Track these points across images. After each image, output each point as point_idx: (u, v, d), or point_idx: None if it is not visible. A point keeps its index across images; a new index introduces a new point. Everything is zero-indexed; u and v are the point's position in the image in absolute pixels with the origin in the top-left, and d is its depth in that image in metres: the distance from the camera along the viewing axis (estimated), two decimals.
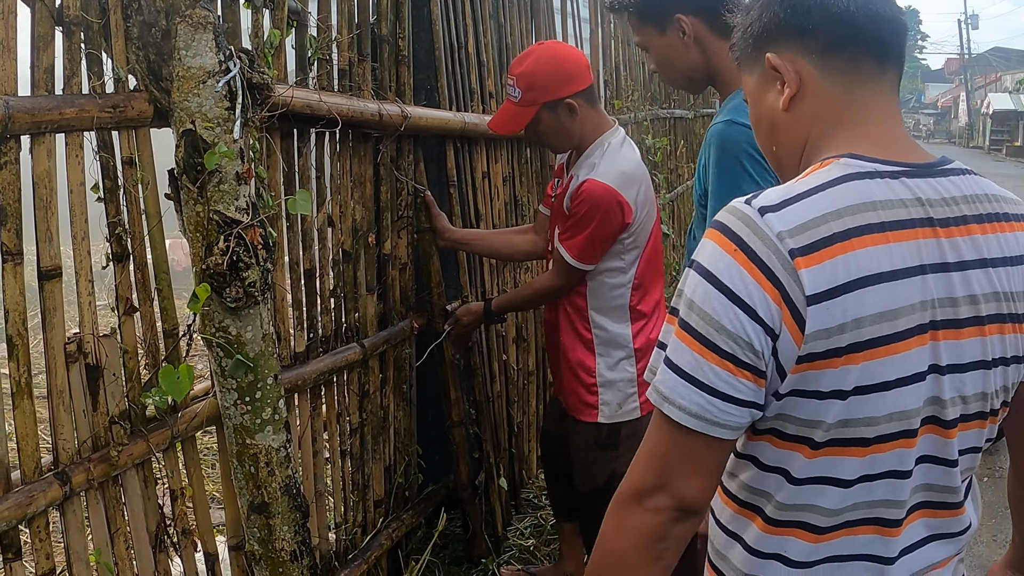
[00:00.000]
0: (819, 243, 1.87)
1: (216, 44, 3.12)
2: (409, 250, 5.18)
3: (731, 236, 1.92)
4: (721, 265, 1.91)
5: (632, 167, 4.59)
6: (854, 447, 1.98)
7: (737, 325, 1.88)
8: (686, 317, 1.94)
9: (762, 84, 2.20)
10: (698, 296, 1.93)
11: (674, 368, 1.95)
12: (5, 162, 2.73)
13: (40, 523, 2.91)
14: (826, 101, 2.11)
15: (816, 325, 1.86)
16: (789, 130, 2.17)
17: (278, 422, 3.41)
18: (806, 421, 1.96)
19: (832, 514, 2.05)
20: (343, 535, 4.63)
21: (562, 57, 4.68)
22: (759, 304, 1.87)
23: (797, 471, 2.03)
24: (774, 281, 1.87)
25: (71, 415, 3.00)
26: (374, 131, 4.62)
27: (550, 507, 5.69)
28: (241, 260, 3.17)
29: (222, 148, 3.10)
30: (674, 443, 1.98)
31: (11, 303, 2.79)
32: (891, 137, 2.09)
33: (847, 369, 1.90)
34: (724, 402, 1.92)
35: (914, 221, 1.96)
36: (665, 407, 1.96)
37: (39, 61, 2.86)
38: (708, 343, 1.90)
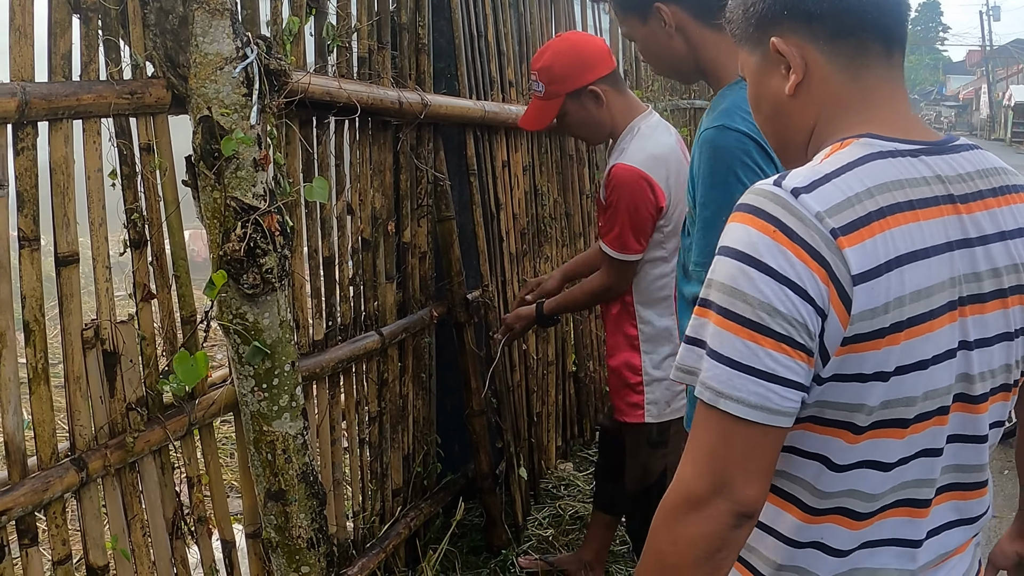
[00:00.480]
0: (858, 222, 1.84)
1: (233, 30, 3.12)
2: (429, 239, 5.18)
3: (767, 218, 1.86)
4: (762, 247, 1.84)
5: (663, 150, 4.51)
6: (894, 428, 1.95)
7: (790, 306, 1.82)
8: (729, 305, 1.86)
9: (764, 66, 2.15)
10: (741, 281, 1.85)
11: (724, 360, 1.86)
12: (22, 148, 2.74)
13: (56, 509, 2.91)
14: (833, 87, 2.07)
15: (862, 305, 1.82)
16: (795, 115, 2.13)
17: (295, 409, 3.40)
18: (848, 405, 1.91)
19: (872, 499, 2.01)
20: (361, 524, 4.62)
21: (580, 45, 4.67)
22: (808, 283, 1.82)
23: (839, 457, 1.98)
24: (819, 260, 1.82)
25: (88, 401, 3.00)
26: (394, 119, 4.62)
27: (594, 498, 5.62)
28: (258, 246, 3.17)
29: (239, 134, 3.09)
30: (731, 441, 1.88)
31: (28, 289, 2.79)
32: (903, 118, 2.06)
33: (889, 350, 1.87)
34: (784, 387, 1.84)
35: (938, 199, 1.95)
36: (722, 403, 1.86)
37: (56, 47, 2.86)
38: (761, 327, 1.83)
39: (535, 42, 6.69)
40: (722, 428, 1.88)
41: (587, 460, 7.27)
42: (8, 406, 2.76)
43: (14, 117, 2.66)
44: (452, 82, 5.46)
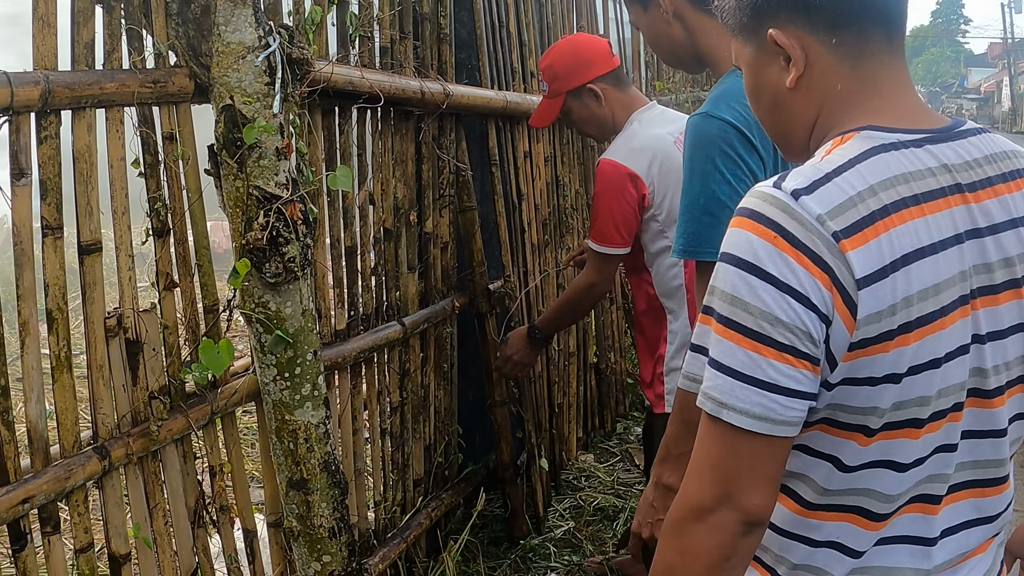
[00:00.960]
0: (861, 223, 1.78)
1: (255, 19, 3.12)
2: (451, 229, 5.19)
3: (766, 223, 1.80)
4: (763, 254, 1.79)
5: (647, 142, 4.54)
6: (909, 428, 1.91)
7: (792, 315, 1.77)
8: (730, 315, 1.82)
9: (762, 58, 2.08)
10: (742, 290, 1.80)
11: (726, 370, 1.83)
12: (45, 136, 2.74)
13: (79, 497, 2.92)
14: (835, 79, 2.00)
15: (868, 309, 1.77)
16: (795, 108, 2.06)
17: (317, 398, 3.40)
18: (860, 408, 1.87)
19: (889, 499, 1.97)
20: (382, 514, 4.63)
21: (579, 45, 4.79)
22: (811, 290, 1.77)
23: (849, 459, 1.94)
24: (822, 265, 1.77)
25: (110, 390, 3.01)
26: (416, 109, 4.62)
27: None
28: (281, 235, 3.17)
29: (261, 123, 3.09)
30: (735, 451, 1.85)
31: (51, 277, 2.80)
32: (907, 105, 2.00)
33: (900, 351, 1.81)
34: (788, 397, 1.80)
35: (944, 190, 1.89)
36: (724, 414, 1.83)
37: (79, 36, 2.86)
38: (763, 337, 1.79)
39: (556, 32, 6.71)
40: (726, 439, 1.86)
41: (608, 452, 7.29)
42: (31, 394, 2.76)
43: (37, 105, 2.67)
44: (473, 72, 5.47)
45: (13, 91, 2.57)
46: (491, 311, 5.44)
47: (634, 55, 8.83)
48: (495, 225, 5.58)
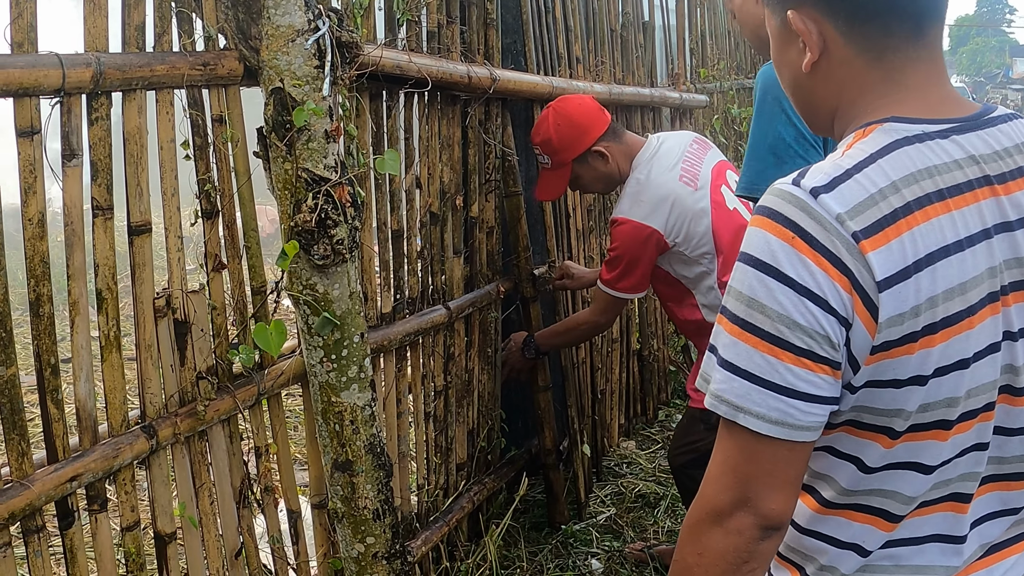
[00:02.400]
0: (882, 222, 1.72)
1: (305, 3, 3.13)
2: (496, 214, 5.19)
3: (784, 222, 1.75)
4: (781, 255, 1.74)
5: (657, 191, 4.61)
6: (937, 430, 1.85)
7: (810, 319, 1.72)
8: (747, 316, 1.78)
9: (784, 35, 2.00)
10: (759, 292, 1.76)
11: (742, 373, 1.78)
12: (96, 118, 2.76)
13: (126, 476, 2.95)
14: (854, 69, 1.92)
15: (890, 311, 1.71)
16: (813, 92, 2.00)
17: (364, 380, 3.42)
18: (885, 411, 1.82)
19: (910, 501, 1.92)
20: (425, 497, 4.64)
21: (572, 113, 4.80)
22: (829, 293, 1.71)
23: (872, 460, 1.89)
24: (841, 268, 1.71)
25: (159, 370, 3.03)
26: (463, 93, 4.63)
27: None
28: (329, 218, 3.18)
29: (311, 105, 3.11)
30: (753, 455, 1.81)
31: (101, 257, 2.83)
32: (934, 96, 1.91)
33: (925, 353, 1.75)
34: (806, 402, 1.76)
35: (972, 183, 1.81)
36: (740, 418, 1.79)
37: (130, 18, 2.88)
38: (780, 341, 1.74)
39: (602, 19, 6.71)
40: (743, 443, 1.82)
41: (650, 439, 7.28)
42: (80, 373, 2.78)
43: (89, 87, 2.69)
44: (518, 58, 5.47)
45: (65, 72, 2.59)
46: (536, 296, 5.44)
47: (679, 42, 8.80)
48: (540, 210, 5.58)
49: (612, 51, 6.92)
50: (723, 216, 4.59)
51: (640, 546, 5.54)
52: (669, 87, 8.09)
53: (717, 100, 9.42)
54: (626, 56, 7.19)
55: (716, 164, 4.79)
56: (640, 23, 7.53)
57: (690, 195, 4.57)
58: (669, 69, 8.55)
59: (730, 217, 4.60)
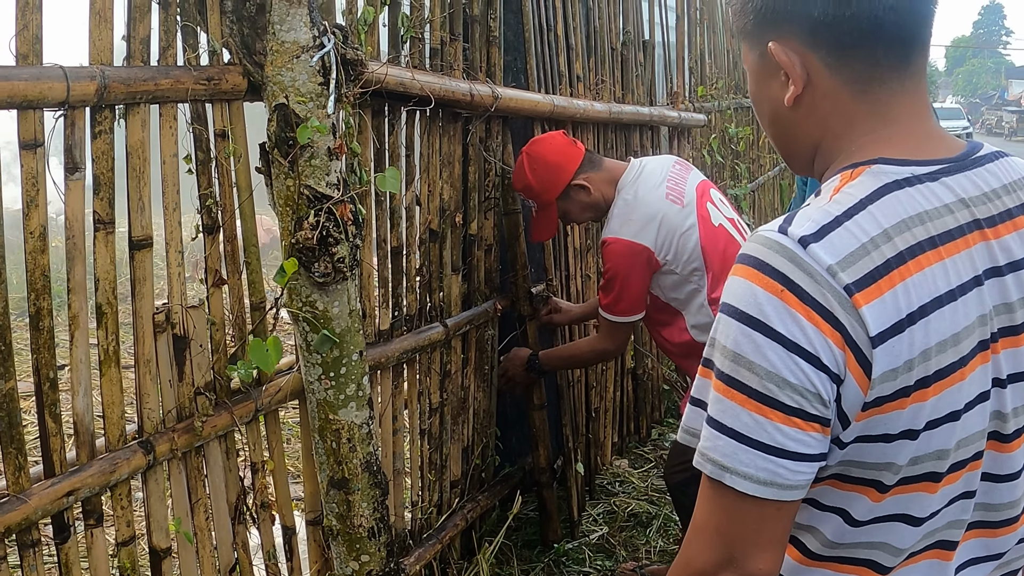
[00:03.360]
0: (874, 273, 1.64)
1: (310, 19, 3.12)
2: (495, 231, 5.18)
3: (772, 274, 1.66)
4: (769, 309, 1.65)
5: (645, 210, 4.63)
6: (926, 482, 1.78)
7: (801, 376, 1.63)
8: (733, 373, 1.68)
9: (763, 68, 1.91)
10: (746, 348, 1.66)
11: (729, 432, 1.69)
12: (100, 131, 2.76)
13: (122, 491, 2.94)
14: (840, 102, 1.84)
15: (883, 367, 1.64)
16: (795, 127, 1.91)
17: (361, 398, 3.41)
18: (874, 464, 1.75)
19: (900, 552, 1.86)
20: (419, 514, 4.63)
21: (545, 153, 4.82)
22: (821, 350, 1.63)
23: (859, 513, 1.82)
24: (833, 323, 1.62)
25: (157, 385, 3.02)
26: (464, 111, 4.63)
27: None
28: (331, 235, 3.17)
29: (315, 122, 3.10)
30: (739, 515, 1.72)
31: (102, 271, 2.82)
32: (921, 133, 1.83)
33: (918, 407, 1.68)
34: (795, 461, 1.67)
35: (963, 228, 1.74)
36: (727, 478, 1.70)
37: (135, 32, 2.88)
38: (769, 400, 1.65)
39: (603, 37, 6.71)
40: (728, 503, 1.73)
41: (642, 457, 7.28)
42: (79, 387, 2.78)
43: (93, 100, 2.68)
44: (519, 75, 5.47)
45: (69, 85, 2.59)
46: (533, 314, 5.44)
47: (678, 61, 8.82)
48: None
49: (612, 69, 6.92)
50: (710, 232, 4.60)
51: (632, 566, 5.53)
52: (668, 106, 8.09)
53: (715, 119, 9.44)
54: (626, 74, 7.19)
55: (699, 183, 4.81)
56: (640, 41, 7.53)
57: (677, 212, 4.59)
58: (668, 88, 8.57)
59: (716, 233, 4.62)
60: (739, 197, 10.04)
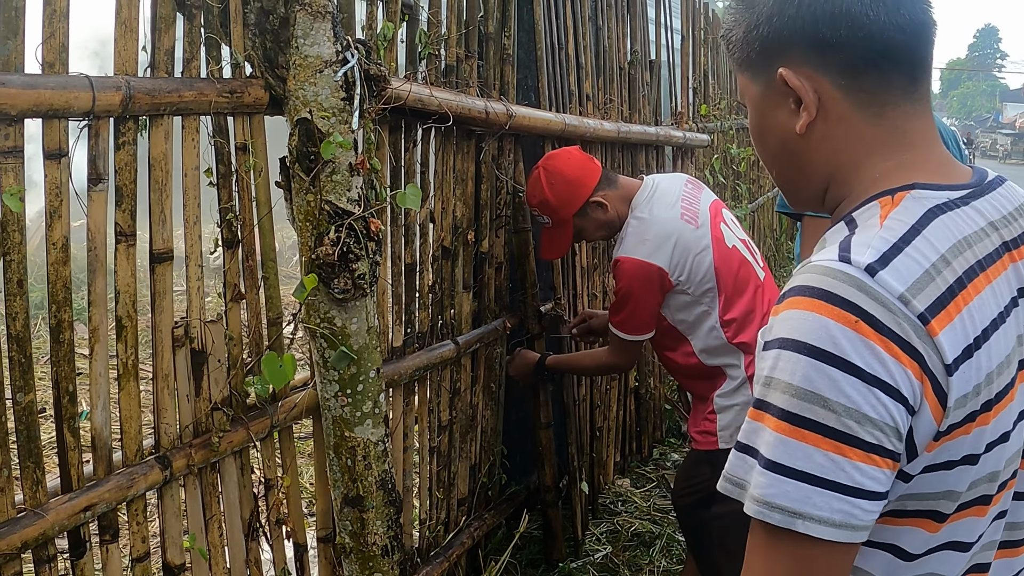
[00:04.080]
0: (943, 299, 1.60)
1: (334, 34, 3.11)
2: (505, 249, 5.17)
3: (844, 304, 1.58)
4: (844, 342, 1.56)
5: (660, 229, 4.57)
6: (979, 506, 1.75)
7: (881, 411, 1.55)
8: (803, 412, 1.58)
9: (769, 96, 1.86)
10: (820, 384, 1.57)
11: (799, 475, 1.58)
12: (123, 142, 2.74)
13: (139, 506, 2.91)
14: (854, 127, 1.79)
15: (957, 393, 1.59)
16: (807, 156, 1.85)
17: (378, 416, 3.39)
18: (932, 495, 1.69)
19: None
20: (427, 532, 4.61)
21: (564, 169, 4.76)
22: (901, 382, 1.56)
23: (914, 547, 1.76)
24: (911, 352, 1.56)
25: (175, 399, 3.00)
26: (478, 128, 4.61)
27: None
28: (351, 251, 3.15)
29: (338, 138, 3.08)
30: (809, 564, 1.61)
31: (122, 284, 2.80)
32: (939, 158, 1.81)
33: (980, 431, 1.64)
34: (870, 501, 1.58)
35: (998, 251, 1.74)
36: (799, 524, 1.58)
37: (160, 43, 2.86)
38: (848, 437, 1.56)
39: (612, 56, 6.70)
40: (797, 551, 1.61)
41: (644, 477, 7.26)
42: (98, 401, 2.76)
43: (118, 111, 2.66)
44: (529, 93, 5.46)
45: (95, 95, 2.57)
46: (541, 333, 5.43)
47: (683, 81, 8.83)
48: None
49: (620, 89, 6.92)
50: (724, 253, 4.56)
51: None
52: (672, 126, 8.09)
53: (717, 139, 9.44)
54: (633, 94, 7.19)
55: (712, 203, 4.77)
56: (647, 61, 7.53)
57: (692, 232, 4.54)
58: (672, 107, 8.57)
59: (730, 254, 4.58)
60: (740, 218, 10.04)
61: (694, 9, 9.31)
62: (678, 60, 8.86)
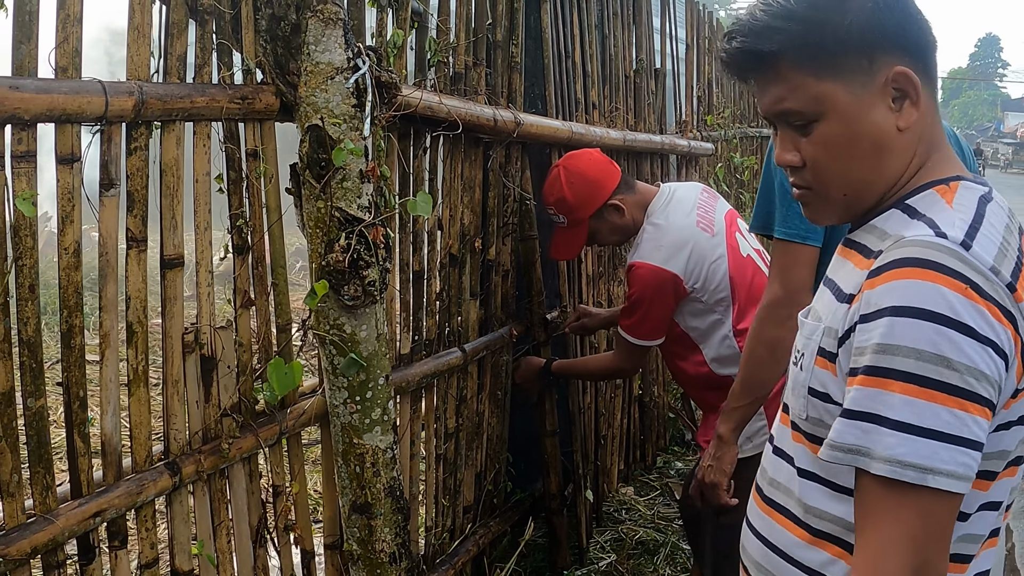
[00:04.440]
0: (1015, 271, 1.81)
1: (345, 41, 3.11)
2: (512, 257, 5.16)
3: (954, 274, 1.74)
4: (959, 307, 1.71)
5: (676, 235, 4.57)
6: (1013, 467, 1.91)
7: (994, 368, 1.72)
8: (928, 373, 1.71)
9: (866, 98, 1.91)
10: (943, 346, 1.70)
11: (927, 433, 1.70)
12: (135, 148, 2.73)
13: (148, 512, 2.90)
14: (927, 121, 1.94)
15: None
16: (898, 155, 1.94)
17: (386, 423, 3.39)
18: (992, 453, 1.83)
19: (979, 540, 1.94)
20: (433, 539, 4.60)
21: (584, 170, 4.76)
22: (1006, 343, 1.74)
23: (969, 506, 1.88)
24: (1008, 316, 1.75)
25: (184, 405, 2.99)
26: (486, 136, 4.61)
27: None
28: (362, 258, 3.15)
29: (349, 145, 3.08)
30: (934, 517, 1.74)
31: (133, 290, 2.79)
32: (954, 154, 2.01)
33: None
34: (980, 452, 1.74)
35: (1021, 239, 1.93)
36: (930, 479, 1.70)
37: (172, 48, 2.86)
38: (969, 394, 1.71)
39: (618, 65, 6.71)
40: (926, 506, 1.73)
41: (648, 485, 7.27)
42: (108, 407, 2.75)
43: (130, 116, 2.66)
44: (536, 101, 5.46)
45: (108, 100, 2.56)
46: (547, 340, 5.41)
47: (687, 89, 8.83)
48: None
49: (626, 97, 6.92)
50: (739, 262, 4.56)
51: None
52: (677, 134, 8.10)
53: (721, 148, 9.44)
54: (638, 102, 7.19)
55: (727, 212, 4.77)
56: (652, 69, 7.53)
57: (708, 240, 4.54)
58: (676, 116, 8.58)
59: (745, 264, 4.58)
60: None
61: (698, 18, 9.32)
62: (682, 69, 8.87)
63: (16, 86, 2.34)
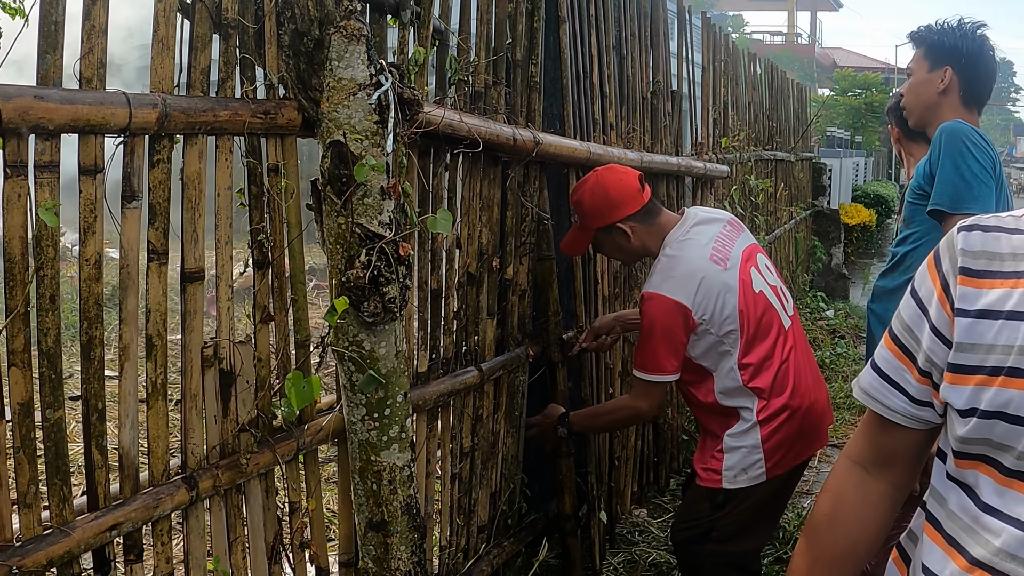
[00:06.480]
0: None
1: (368, 57, 3.10)
2: (529, 277, 5.15)
3: None
4: None
5: (687, 267, 4.58)
6: None
7: None
8: None
9: None
10: None
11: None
12: (158, 160, 2.73)
13: (164, 527, 2.89)
14: None
15: None
16: None
17: (404, 440, 3.37)
18: None
19: None
20: (447, 559, 4.58)
21: (611, 185, 4.77)
22: None
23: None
24: None
25: (202, 420, 2.98)
26: (505, 155, 4.60)
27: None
28: (382, 275, 3.14)
29: (371, 161, 3.07)
30: None
31: (153, 303, 2.78)
32: None
33: None
34: None
35: None
36: None
37: (196, 62, 2.86)
38: None
39: (635, 86, 6.71)
40: None
41: (661, 507, 7.23)
42: (126, 420, 2.74)
43: (154, 128, 2.65)
44: (554, 121, 5.45)
45: (132, 112, 2.56)
46: (563, 361, 5.39)
47: (703, 112, 8.85)
48: (569, 275, 5.58)
49: (643, 118, 6.92)
50: (750, 297, 4.57)
51: None
52: (693, 156, 8.10)
53: (736, 170, 9.46)
54: (655, 124, 7.20)
55: (748, 247, 4.77)
56: (668, 91, 7.53)
57: (719, 274, 4.55)
58: (692, 138, 8.58)
59: (756, 299, 4.58)
60: None
61: (715, 41, 9.34)
62: (698, 92, 8.87)
63: (41, 96, 2.33)
